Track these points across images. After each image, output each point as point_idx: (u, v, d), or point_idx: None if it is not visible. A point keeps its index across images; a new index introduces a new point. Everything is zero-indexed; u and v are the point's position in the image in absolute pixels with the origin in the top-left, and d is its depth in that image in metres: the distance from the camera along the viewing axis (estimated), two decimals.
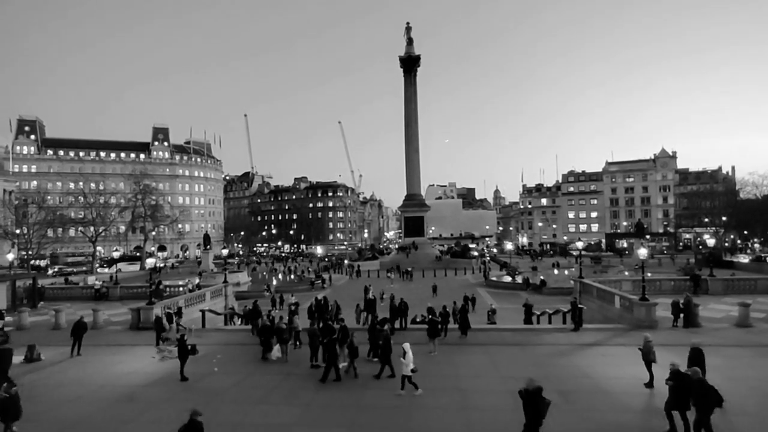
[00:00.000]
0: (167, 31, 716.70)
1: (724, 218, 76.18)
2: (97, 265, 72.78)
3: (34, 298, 35.76)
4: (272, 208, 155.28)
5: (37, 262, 71.62)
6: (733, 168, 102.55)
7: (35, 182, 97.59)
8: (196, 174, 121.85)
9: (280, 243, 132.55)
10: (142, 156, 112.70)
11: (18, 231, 61.27)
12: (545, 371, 16.50)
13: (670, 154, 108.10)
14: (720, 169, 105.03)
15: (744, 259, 64.50)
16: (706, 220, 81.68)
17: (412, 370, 14.23)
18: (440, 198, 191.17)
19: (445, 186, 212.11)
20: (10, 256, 46.60)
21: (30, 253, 60.95)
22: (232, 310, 33.34)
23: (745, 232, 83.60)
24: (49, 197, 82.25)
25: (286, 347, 18.98)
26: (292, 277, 66.64)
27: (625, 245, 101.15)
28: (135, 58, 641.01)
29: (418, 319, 25.81)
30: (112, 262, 68.14)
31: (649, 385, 14.30)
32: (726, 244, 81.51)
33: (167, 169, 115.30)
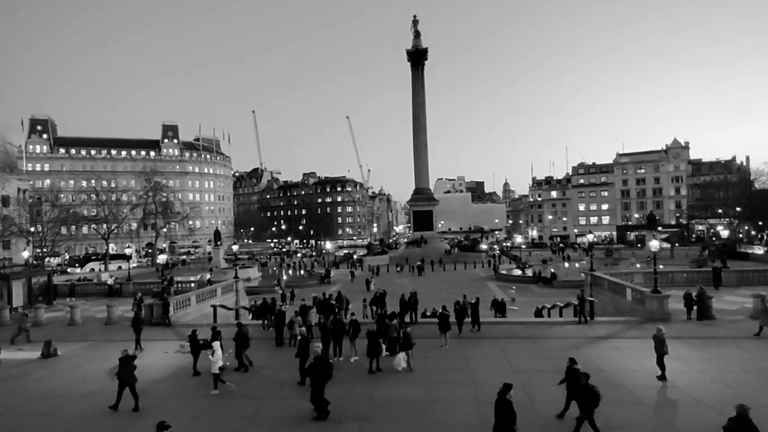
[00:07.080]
0: (175, 29, 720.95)
1: (738, 209, 74.97)
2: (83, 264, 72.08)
3: (50, 295, 36.39)
4: (281, 203, 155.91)
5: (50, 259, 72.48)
6: (747, 158, 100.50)
7: (48, 181, 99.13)
8: (206, 170, 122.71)
9: (289, 238, 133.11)
10: (152, 153, 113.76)
11: (32, 229, 62.20)
12: (558, 364, 16.41)
13: (683, 144, 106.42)
14: (734, 159, 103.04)
15: (759, 250, 63.37)
16: (720, 211, 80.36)
17: (221, 368, 14.58)
18: (449, 192, 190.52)
19: (454, 180, 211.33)
20: (26, 254, 47.33)
21: (45, 250, 61.90)
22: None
23: (760, 223, 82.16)
24: (62, 195, 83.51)
25: (412, 352, 16.47)
26: (302, 272, 66.98)
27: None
28: (144, 56, 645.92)
29: (428, 313, 25.80)
30: (84, 261, 68.65)
31: (662, 377, 14.21)
32: (740, 236, 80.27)
33: (177, 166, 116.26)
